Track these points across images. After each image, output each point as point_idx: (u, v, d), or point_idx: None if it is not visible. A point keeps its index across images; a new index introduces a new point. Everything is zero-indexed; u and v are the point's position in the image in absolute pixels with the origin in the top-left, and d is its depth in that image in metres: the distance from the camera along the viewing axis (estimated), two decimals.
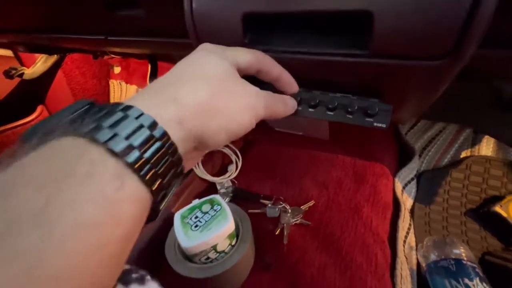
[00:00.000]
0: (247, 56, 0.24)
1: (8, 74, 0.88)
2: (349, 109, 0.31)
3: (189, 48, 0.36)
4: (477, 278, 0.43)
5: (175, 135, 0.16)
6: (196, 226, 0.33)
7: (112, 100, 1.30)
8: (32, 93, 1.02)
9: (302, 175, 0.58)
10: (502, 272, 0.52)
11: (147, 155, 0.14)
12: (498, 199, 0.62)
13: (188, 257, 0.34)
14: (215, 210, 0.36)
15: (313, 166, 0.60)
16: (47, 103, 1.09)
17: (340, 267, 0.41)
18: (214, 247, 0.33)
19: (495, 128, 0.48)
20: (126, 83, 1.29)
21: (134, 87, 1.29)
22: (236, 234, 0.37)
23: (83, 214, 0.12)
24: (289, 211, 0.47)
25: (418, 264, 0.51)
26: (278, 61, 0.32)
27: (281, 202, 0.48)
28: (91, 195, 0.12)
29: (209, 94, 0.19)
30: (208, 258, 0.33)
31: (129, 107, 0.16)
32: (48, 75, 1.03)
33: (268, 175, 0.59)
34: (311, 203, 0.49)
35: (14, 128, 0.93)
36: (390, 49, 0.25)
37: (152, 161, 0.15)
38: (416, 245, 0.55)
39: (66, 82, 1.10)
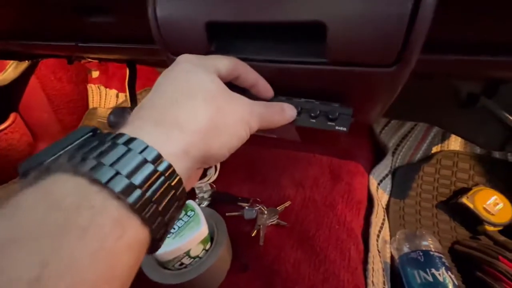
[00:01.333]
0: (226, 63, 0.24)
1: None
2: (312, 114, 0.32)
3: (160, 54, 0.37)
4: (443, 268, 0.46)
5: (181, 166, 0.16)
6: (169, 232, 0.34)
7: (90, 105, 1.27)
8: (3, 101, 0.98)
9: (280, 175, 0.59)
10: (468, 259, 0.55)
11: (149, 193, 0.14)
12: (465, 191, 0.66)
13: (162, 264, 0.34)
14: (188, 216, 0.36)
15: (291, 165, 0.61)
16: (21, 110, 1.05)
17: (315, 263, 0.42)
18: (187, 253, 0.33)
19: (456, 125, 0.52)
20: (106, 87, 1.26)
21: (114, 91, 1.27)
22: (211, 238, 0.38)
23: (81, 274, 0.11)
24: (266, 212, 0.48)
25: (392, 257, 0.54)
26: None
27: (257, 204, 0.49)
28: (90, 250, 0.12)
29: (208, 115, 0.18)
30: (182, 263, 0.34)
31: (132, 140, 0.15)
32: (20, 82, 0.99)
33: (247, 177, 0.60)
34: (287, 204, 0.51)
35: None
36: (344, 57, 0.27)
37: (155, 198, 0.14)
38: (390, 239, 0.58)
39: (40, 88, 1.07)
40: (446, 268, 0.46)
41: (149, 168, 0.14)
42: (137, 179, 0.14)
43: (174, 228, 0.34)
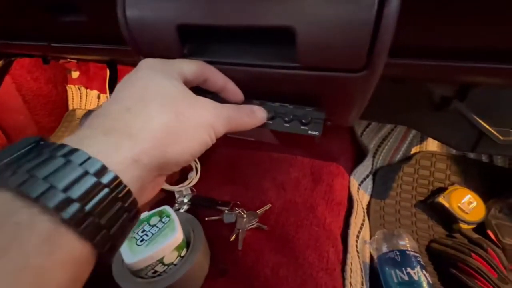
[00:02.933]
0: (192, 67, 0.23)
1: None
2: (286, 118, 0.32)
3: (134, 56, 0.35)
4: (418, 267, 0.47)
5: (131, 176, 0.15)
6: (142, 240, 0.33)
7: (70, 107, 1.23)
8: None
9: (261, 178, 0.59)
10: (444, 257, 0.57)
11: (89, 206, 0.13)
12: (442, 190, 0.68)
13: (135, 272, 0.33)
14: (163, 222, 0.35)
15: (273, 167, 0.61)
16: None
17: (294, 266, 0.42)
18: (160, 260, 0.32)
19: (430, 127, 0.53)
20: (86, 88, 1.22)
21: (95, 92, 1.23)
22: (187, 244, 0.37)
23: None
24: (245, 216, 0.48)
25: (372, 257, 0.55)
26: None
27: (237, 208, 0.49)
28: (12, 268, 0.11)
29: (165, 121, 0.18)
30: (155, 271, 0.33)
31: (73, 151, 0.14)
32: None
33: (228, 180, 0.59)
34: (267, 207, 0.51)
35: None
36: (315, 62, 0.27)
37: (96, 211, 0.13)
38: (370, 239, 0.59)
39: (15, 89, 1.02)
40: (421, 267, 0.47)
41: (90, 180, 0.13)
42: (75, 192, 0.13)
43: (147, 235, 0.33)
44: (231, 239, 0.45)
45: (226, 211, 0.49)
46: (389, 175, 0.75)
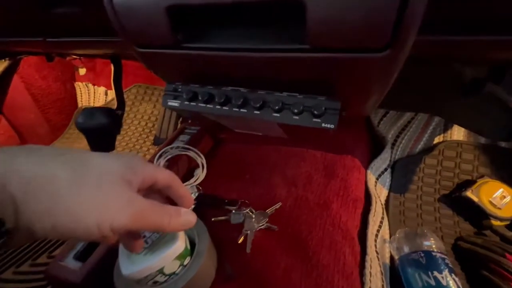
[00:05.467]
0: (165, 173, 0.26)
1: None
2: (296, 110, 0.28)
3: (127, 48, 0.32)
4: (446, 270, 0.42)
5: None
6: (142, 249, 0.31)
7: (79, 104, 1.23)
8: None
9: (271, 173, 0.55)
10: (473, 257, 0.52)
11: None
12: (470, 183, 0.62)
13: (135, 281, 0.31)
14: None
15: (282, 162, 0.57)
16: (6, 111, 1.01)
17: (307, 269, 0.39)
18: (160, 271, 0.30)
19: (458, 114, 0.47)
20: (93, 85, 1.22)
21: (102, 88, 1.22)
22: (191, 250, 0.34)
23: None
24: (254, 216, 0.44)
25: (392, 257, 0.50)
26: (217, 60, 0.29)
27: (244, 208, 0.46)
28: None
29: (53, 170, 0.18)
30: (156, 282, 0.31)
31: None
32: (2, 82, 0.95)
33: (236, 176, 0.56)
34: (277, 206, 0.47)
35: None
36: (328, 42, 0.23)
37: None
38: (390, 237, 0.55)
39: (25, 88, 1.03)
40: (450, 270, 0.43)
41: None
42: None
43: (147, 242, 0.31)
44: (239, 241, 0.42)
45: (233, 211, 0.46)
46: (409, 168, 0.70)
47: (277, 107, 0.28)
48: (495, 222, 0.57)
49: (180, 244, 0.30)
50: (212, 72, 0.30)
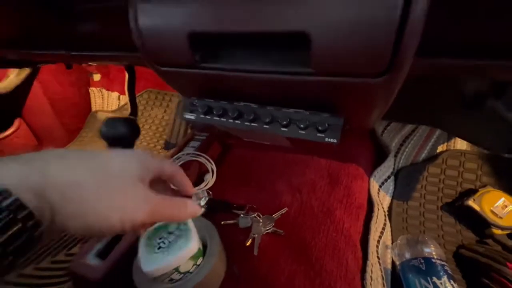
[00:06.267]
0: (170, 165, 0.29)
1: None
2: (302, 125, 0.31)
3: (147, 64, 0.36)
4: (445, 277, 0.44)
5: (29, 203, 0.17)
6: (159, 247, 0.33)
7: (93, 108, 1.28)
8: (7, 107, 1.00)
9: (276, 180, 0.58)
10: (474, 265, 0.53)
11: None
12: (472, 192, 0.64)
13: (153, 278, 0.34)
14: (180, 230, 0.35)
15: (288, 169, 0.60)
16: (25, 115, 1.06)
17: (310, 275, 0.41)
18: (176, 269, 0.33)
19: (459, 127, 0.49)
20: (107, 90, 1.27)
21: (115, 94, 1.27)
22: (204, 251, 0.37)
23: None
24: (261, 220, 0.47)
25: (393, 262, 0.52)
26: (230, 79, 0.32)
27: (251, 212, 0.48)
28: None
29: (82, 177, 0.21)
30: (171, 279, 0.34)
31: None
32: (23, 87, 1.01)
33: (243, 181, 0.59)
34: (283, 211, 0.50)
35: None
36: (331, 68, 0.25)
37: None
38: (392, 243, 0.56)
39: (43, 93, 1.08)
40: (449, 277, 0.44)
41: None
42: None
43: (164, 243, 0.34)
44: (247, 244, 0.44)
45: (241, 215, 0.48)
46: (413, 176, 0.71)
47: (284, 122, 0.31)
48: (497, 231, 0.58)
49: (194, 246, 0.33)
50: (226, 89, 0.33)
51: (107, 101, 1.29)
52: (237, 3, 0.25)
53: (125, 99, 1.26)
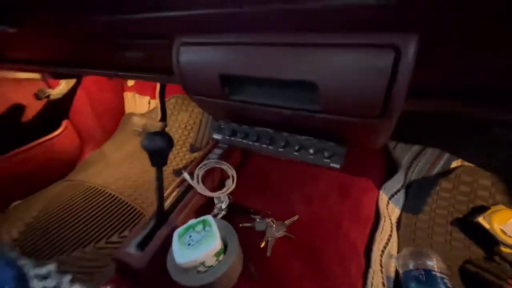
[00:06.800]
0: None
1: (37, 97, 1.00)
2: (311, 151, 0.36)
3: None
4: None
5: None
6: (189, 244, 0.41)
7: (127, 111, 1.41)
8: (58, 110, 1.15)
9: (290, 189, 0.64)
10: (478, 280, 0.56)
11: None
12: (483, 209, 0.65)
13: (183, 269, 0.42)
14: (205, 231, 0.43)
15: (301, 180, 0.65)
16: (71, 117, 1.21)
17: (317, 278, 0.47)
18: (202, 263, 0.40)
19: (466, 151, 0.51)
20: (140, 94, 1.39)
21: (147, 98, 1.39)
22: (224, 249, 0.44)
23: None
24: (274, 225, 0.53)
25: (398, 272, 0.56)
26: (252, 110, 0.38)
27: (266, 218, 0.55)
28: None
29: None
30: (198, 271, 0.41)
31: None
32: (70, 93, 1.15)
33: (260, 189, 0.65)
34: (295, 218, 0.56)
35: (42, 143, 1.06)
36: (335, 109, 0.31)
37: None
38: (398, 253, 0.60)
39: (86, 97, 1.22)
40: None
41: None
42: None
43: (192, 240, 0.41)
44: (261, 246, 0.51)
45: (258, 220, 0.55)
46: (424, 189, 0.73)
47: (296, 147, 0.37)
48: (505, 249, 0.59)
49: (218, 244, 0.40)
50: (248, 117, 0.40)
51: (139, 105, 1.41)
52: (261, 54, 0.32)
53: (154, 103, 1.38)
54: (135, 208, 0.80)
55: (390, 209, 0.68)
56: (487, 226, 0.61)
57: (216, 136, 0.43)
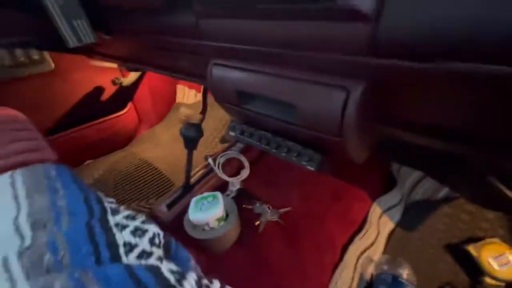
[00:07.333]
0: None
1: (113, 83, 1.29)
2: (295, 154, 0.48)
3: None
4: None
5: None
6: (201, 209, 0.56)
7: (177, 100, 1.66)
8: (125, 94, 1.43)
9: (291, 187, 0.75)
10: None
11: None
12: (479, 240, 0.67)
13: (194, 226, 0.57)
14: (214, 202, 0.58)
15: (302, 178, 0.76)
16: (134, 101, 1.49)
17: (294, 259, 0.58)
18: (207, 224, 0.55)
19: (464, 188, 0.54)
20: (189, 88, 1.63)
21: (193, 91, 1.62)
22: (225, 218, 0.59)
23: None
24: (269, 211, 0.66)
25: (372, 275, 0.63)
26: (255, 116, 0.51)
27: (265, 204, 0.67)
28: None
29: None
30: (204, 229, 0.56)
31: None
32: (137, 81, 1.42)
33: (266, 183, 0.78)
34: (288, 209, 0.67)
35: (112, 119, 1.36)
36: (308, 125, 0.42)
37: None
38: None
39: (147, 85, 1.49)
40: None
41: None
42: None
43: (204, 206, 0.57)
44: (256, 224, 0.64)
45: (257, 204, 0.68)
46: (425, 210, 0.77)
47: (285, 150, 0.49)
48: (490, 281, 0.62)
49: (220, 212, 0.54)
50: (253, 121, 0.53)
51: (187, 96, 1.64)
52: (264, 80, 0.44)
53: (199, 96, 1.59)
54: (169, 179, 1.00)
55: (384, 222, 0.74)
56: (475, 254, 0.64)
57: (231, 133, 0.57)
